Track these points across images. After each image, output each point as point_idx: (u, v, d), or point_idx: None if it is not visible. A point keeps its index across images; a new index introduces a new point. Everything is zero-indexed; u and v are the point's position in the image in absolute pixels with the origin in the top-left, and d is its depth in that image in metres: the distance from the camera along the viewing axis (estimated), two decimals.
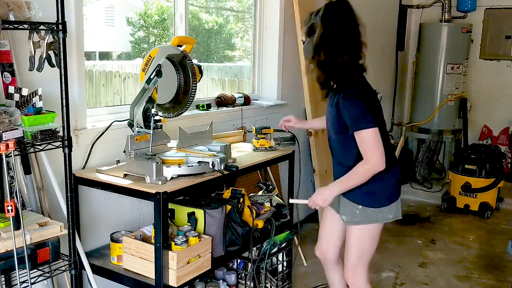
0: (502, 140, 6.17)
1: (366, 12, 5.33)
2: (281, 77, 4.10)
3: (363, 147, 2.19)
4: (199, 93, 3.49)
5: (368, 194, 2.29)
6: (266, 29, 4.05)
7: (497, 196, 5.10)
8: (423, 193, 5.60)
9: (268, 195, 3.18)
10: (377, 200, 2.31)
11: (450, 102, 5.86)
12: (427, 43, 5.90)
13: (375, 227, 2.35)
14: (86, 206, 2.62)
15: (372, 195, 2.30)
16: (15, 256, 1.90)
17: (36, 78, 2.22)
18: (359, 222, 2.33)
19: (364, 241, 2.38)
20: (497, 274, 3.75)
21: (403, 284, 3.56)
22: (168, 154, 2.53)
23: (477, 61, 6.26)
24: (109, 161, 2.60)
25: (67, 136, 2.11)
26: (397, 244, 4.26)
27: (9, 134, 1.90)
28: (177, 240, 2.34)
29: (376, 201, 2.31)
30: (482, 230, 4.67)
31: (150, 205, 2.67)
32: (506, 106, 6.17)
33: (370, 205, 2.30)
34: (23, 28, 1.95)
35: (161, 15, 3.65)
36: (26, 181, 2.27)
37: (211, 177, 2.47)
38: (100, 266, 2.51)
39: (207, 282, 2.86)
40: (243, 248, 2.76)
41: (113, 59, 3.86)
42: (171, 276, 2.29)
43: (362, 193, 2.29)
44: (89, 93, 3.13)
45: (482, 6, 6.05)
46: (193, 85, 2.53)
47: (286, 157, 3.14)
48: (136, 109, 2.48)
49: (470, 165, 5.05)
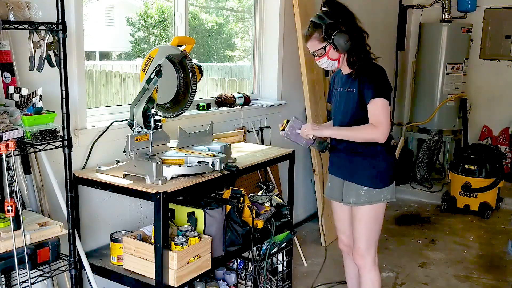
0: (502, 140, 6.17)
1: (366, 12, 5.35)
2: (281, 77, 4.10)
3: (376, 114, 2.37)
4: (199, 93, 3.49)
5: (373, 176, 2.50)
6: (266, 29, 4.05)
7: (497, 196, 5.10)
8: (423, 193, 5.59)
9: (268, 195, 3.18)
10: (380, 181, 2.51)
11: (450, 102, 5.86)
12: (427, 43, 5.90)
13: (379, 207, 2.54)
14: (86, 206, 2.62)
15: (377, 177, 2.50)
16: (15, 256, 1.90)
17: (36, 78, 2.22)
18: (365, 203, 2.51)
19: (370, 222, 2.55)
20: (497, 274, 3.75)
21: (403, 284, 3.56)
22: (168, 154, 2.52)
23: (477, 61, 6.26)
24: (109, 161, 2.60)
25: (67, 136, 2.11)
26: (397, 244, 4.26)
27: (9, 134, 1.90)
28: (177, 240, 2.34)
29: (380, 182, 2.51)
30: (482, 230, 4.67)
31: (150, 205, 2.67)
32: (506, 106, 6.17)
33: (374, 186, 2.50)
34: (23, 28, 1.95)
35: (161, 15, 3.65)
36: (26, 181, 2.27)
37: (211, 177, 2.47)
38: (100, 266, 2.51)
39: (207, 282, 2.86)
40: (243, 248, 2.76)
41: (113, 59, 3.87)
42: (171, 276, 2.29)
43: (367, 177, 2.50)
44: (89, 93, 3.13)
45: (482, 6, 6.05)
46: (193, 85, 2.53)
47: (286, 157, 3.14)
48: (136, 109, 2.48)
49: (470, 165, 5.05)
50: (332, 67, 2.51)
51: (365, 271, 2.62)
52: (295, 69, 4.15)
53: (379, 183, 2.50)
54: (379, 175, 2.51)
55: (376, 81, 2.38)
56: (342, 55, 2.44)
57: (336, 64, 2.48)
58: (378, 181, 2.50)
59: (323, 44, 2.40)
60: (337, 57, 2.44)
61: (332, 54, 2.42)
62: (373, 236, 2.59)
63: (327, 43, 2.39)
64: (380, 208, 2.55)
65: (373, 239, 2.60)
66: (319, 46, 2.42)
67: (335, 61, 2.46)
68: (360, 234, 2.58)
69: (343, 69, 2.54)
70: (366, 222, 2.55)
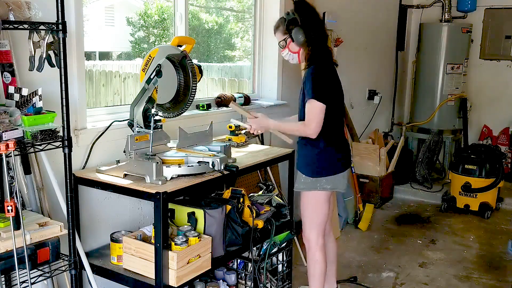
0: (502, 140, 6.17)
1: (366, 12, 5.37)
2: (281, 77, 4.10)
3: (308, 114, 2.63)
4: (199, 93, 3.49)
5: (308, 167, 2.77)
6: (266, 29, 4.05)
7: (497, 196, 5.10)
8: (423, 193, 5.59)
9: (268, 195, 3.18)
10: (313, 172, 2.76)
11: (450, 102, 5.85)
12: (427, 43, 5.90)
13: (318, 195, 2.78)
14: (86, 206, 2.62)
15: (310, 168, 2.77)
16: (15, 256, 1.90)
17: (36, 78, 2.22)
18: (303, 189, 2.81)
19: (310, 207, 2.83)
20: (497, 274, 3.75)
21: (403, 284, 3.56)
22: (168, 154, 2.52)
23: (477, 61, 6.26)
24: (109, 161, 2.60)
25: (67, 136, 2.11)
26: (397, 244, 4.26)
27: (9, 134, 1.90)
28: (177, 240, 2.34)
29: (313, 173, 2.76)
30: (482, 230, 4.67)
31: (150, 205, 2.67)
32: (506, 106, 6.17)
33: (309, 175, 2.76)
34: (23, 28, 1.95)
35: (161, 15, 3.65)
36: (26, 181, 2.27)
37: (211, 177, 2.47)
38: (100, 266, 2.51)
39: (207, 282, 2.86)
40: (243, 248, 2.76)
41: (113, 59, 3.87)
42: (171, 276, 2.29)
43: (305, 165, 2.79)
44: (89, 93, 3.13)
45: (482, 6, 6.05)
46: (193, 85, 2.53)
47: (286, 157, 3.14)
48: (136, 109, 2.48)
49: (470, 165, 5.05)
50: (293, 61, 2.78)
51: (309, 253, 2.89)
52: (295, 69, 4.15)
53: (315, 172, 2.75)
54: (315, 165, 2.76)
55: (315, 83, 2.60)
56: (302, 50, 2.70)
57: (296, 58, 2.75)
58: (314, 171, 2.75)
59: (285, 36, 2.71)
60: (297, 50, 2.71)
61: (293, 47, 2.71)
62: (314, 220, 2.83)
63: (288, 36, 2.69)
64: (319, 196, 2.78)
65: (314, 223, 2.83)
66: (282, 38, 2.73)
67: (295, 54, 2.74)
68: (302, 218, 2.88)
69: (302, 66, 2.82)
70: (307, 207, 2.83)
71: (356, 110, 5.38)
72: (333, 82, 2.73)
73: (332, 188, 2.78)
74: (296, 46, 2.69)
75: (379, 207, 5.15)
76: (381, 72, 6.01)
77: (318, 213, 2.82)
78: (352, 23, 5.03)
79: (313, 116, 2.61)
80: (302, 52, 2.71)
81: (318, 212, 2.82)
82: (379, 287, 3.51)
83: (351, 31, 4.98)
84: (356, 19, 5.16)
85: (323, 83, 2.63)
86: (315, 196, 2.79)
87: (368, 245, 4.22)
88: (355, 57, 5.25)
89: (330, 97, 2.65)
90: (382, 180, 5.15)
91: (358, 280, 3.55)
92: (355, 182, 4.78)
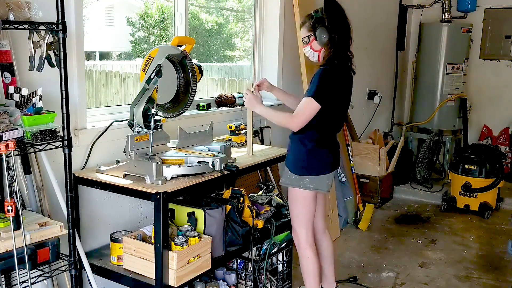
0: (502, 140, 6.16)
1: (366, 12, 5.37)
2: (281, 77, 4.09)
3: (300, 107, 2.62)
4: (199, 93, 3.49)
5: (294, 164, 2.77)
6: (266, 29, 4.05)
7: (497, 196, 5.10)
8: (423, 193, 5.59)
9: (268, 195, 3.18)
10: (298, 169, 2.75)
11: (450, 102, 5.85)
12: (427, 43, 5.90)
13: (301, 193, 2.76)
14: (86, 206, 2.62)
15: (295, 165, 2.77)
16: (15, 256, 1.90)
17: (36, 78, 2.22)
18: (287, 185, 2.81)
19: (295, 204, 2.82)
20: (497, 274, 3.75)
21: (403, 284, 3.56)
22: (168, 154, 2.53)
23: (477, 61, 6.26)
24: (109, 161, 2.60)
25: (67, 136, 2.11)
26: (397, 244, 4.26)
27: (9, 134, 1.90)
28: (177, 240, 2.34)
29: (297, 170, 2.75)
30: (482, 230, 4.67)
31: (150, 205, 2.67)
32: (506, 106, 6.17)
33: (293, 172, 2.76)
34: (23, 28, 1.95)
35: (161, 15, 3.65)
36: (26, 181, 2.27)
37: (211, 177, 2.47)
38: (100, 266, 2.51)
39: (207, 282, 2.86)
40: (243, 248, 2.76)
41: (113, 59, 3.86)
42: (171, 276, 2.29)
43: (291, 162, 2.79)
44: (89, 93, 3.13)
45: (482, 6, 6.05)
46: (193, 85, 2.53)
47: None
48: (136, 109, 2.47)
49: (470, 165, 5.05)
50: (314, 58, 2.76)
51: (300, 250, 2.87)
52: (295, 69, 4.15)
53: (299, 170, 2.75)
54: (301, 163, 2.75)
55: (320, 84, 2.59)
56: (323, 50, 2.68)
57: (316, 56, 2.73)
58: (299, 168, 2.75)
59: (309, 33, 2.69)
60: (318, 49, 2.69)
61: (315, 46, 2.69)
62: (300, 218, 2.82)
63: (312, 33, 2.68)
64: (302, 194, 2.76)
65: (301, 220, 2.82)
66: (306, 35, 2.72)
67: (316, 53, 2.71)
68: (291, 214, 2.88)
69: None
70: (294, 204, 2.82)
71: (356, 110, 5.38)
72: (339, 87, 2.69)
73: (314, 188, 2.75)
74: (318, 45, 2.67)
75: (379, 207, 5.15)
76: (381, 72, 6.01)
77: (305, 210, 2.81)
78: (352, 23, 5.01)
79: (303, 111, 2.60)
80: (323, 51, 2.69)
81: (305, 209, 2.80)
82: (379, 287, 3.51)
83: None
84: (356, 19, 5.12)
85: (327, 86, 2.60)
86: (298, 193, 2.78)
87: (368, 245, 4.22)
88: (355, 57, 5.22)
89: (330, 101, 2.63)
90: (382, 180, 5.15)
91: (358, 280, 3.55)
92: (355, 182, 4.78)
